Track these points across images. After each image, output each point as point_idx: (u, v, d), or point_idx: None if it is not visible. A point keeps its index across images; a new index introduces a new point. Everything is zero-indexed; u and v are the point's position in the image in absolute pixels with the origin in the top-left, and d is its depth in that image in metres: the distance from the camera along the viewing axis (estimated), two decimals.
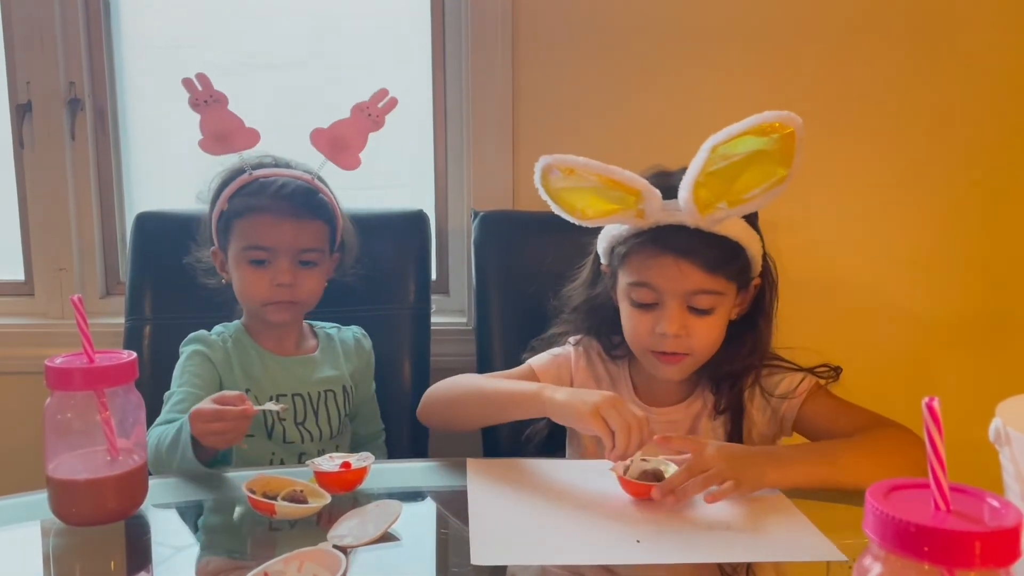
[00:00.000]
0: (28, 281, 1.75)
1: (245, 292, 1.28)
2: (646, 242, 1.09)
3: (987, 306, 1.74)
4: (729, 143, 1.00)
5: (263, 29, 1.73)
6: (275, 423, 1.26)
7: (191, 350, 1.28)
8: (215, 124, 1.28)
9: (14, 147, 1.71)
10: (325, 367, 1.34)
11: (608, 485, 0.97)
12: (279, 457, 1.27)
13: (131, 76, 1.74)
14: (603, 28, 1.64)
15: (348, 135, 1.32)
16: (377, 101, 1.33)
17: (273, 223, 1.25)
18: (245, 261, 1.27)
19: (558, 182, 1.11)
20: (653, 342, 1.11)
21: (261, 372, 1.29)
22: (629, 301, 1.13)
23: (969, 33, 1.66)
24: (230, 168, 1.32)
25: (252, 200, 1.26)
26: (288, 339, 1.34)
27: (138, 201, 1.76)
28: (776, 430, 1.17)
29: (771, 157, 1.00)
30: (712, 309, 1.10)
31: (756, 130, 0.99)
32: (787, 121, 0.99)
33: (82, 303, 0.89)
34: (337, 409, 1.32)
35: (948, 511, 0.51)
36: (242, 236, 1.27)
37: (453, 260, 1.76)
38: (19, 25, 1.65)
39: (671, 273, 1.08)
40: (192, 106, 1.27)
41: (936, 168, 1.70)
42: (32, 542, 0.91)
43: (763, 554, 0.84)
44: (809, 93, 1.66)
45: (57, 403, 0.87)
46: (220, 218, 1.30)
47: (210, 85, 1.28)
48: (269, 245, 1.25)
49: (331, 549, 0.76)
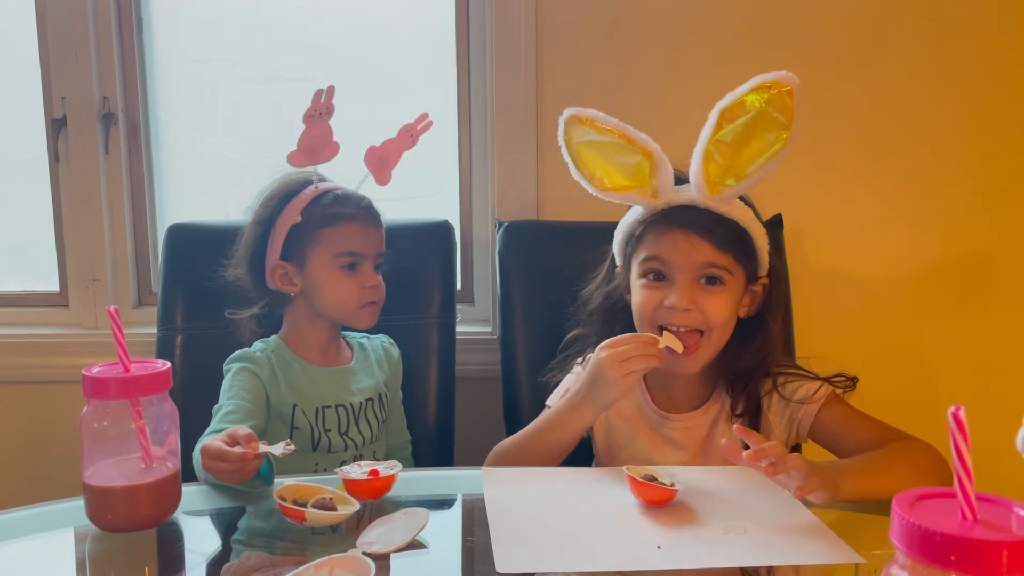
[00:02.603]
0: (63, 292, 1.79)
1: (337, 297, 1.30)
2: (659, 220, 1.13)
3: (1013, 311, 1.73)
4: (734, 107, 1.06)
5: (291, 42, 1.76)
6: (321, 436, 1.29)
7: (238, 367, 1.28)
8: (315, 137, 1.31)
9: (49, 161, 1.75)
10: (363, 376, 1.37)
11: (622, 492, 0.97)
12: (322, 467, 1.30)
13: (163, 90, 1.77)
14: (628, 37, 1.65)
15: (391, 153, 1.37)
16: (419, 123, 1.38)
17: (363, 229, 1.31)
18: (336, 268, 1.30)
19: (581, 135, 1.14)
20: (660, 315, 1.12)
21: (305, 384, 1.30)
22: (641, 279, 1.15)
23: (986, 38, 1.65)
24: (284, 183, 1.33)
25: (339, 210, 1.30)
26: (331, 350, 1.36)
27: (170, 213, 1.79)
28: (792, 436, 1.17)
29: (773, 119, 1.06)
30: (722, 280, 1.12)
31: (758, 88, 1.06)
32: (784, 80, 1.06)
33: (118, 314, 0.91)
34: (376, 416, 1.35)
35: (975, 520, 0.51)
36: (332, 244, 1.29)
37: (478, 270, 1.77)
38: (54, 41, 1.69)
39: (682, 247, 1.11)
40: (307, 117, 1.29)
41: (961, 172, 1.69)
42: (66, 548, 0.92)
43: (783, 558, 0.84)
44: (834, 98, 1.66)
45: (93, 412, 0.89)
46: (292, 231, 1.30)
47: (332, 97, 1.31)
48: (361, 251, 1.31)
49: (360, 556, 0.78)
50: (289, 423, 1.28)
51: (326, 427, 1.29)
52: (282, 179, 1.34)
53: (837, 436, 1.12)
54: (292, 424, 1.28)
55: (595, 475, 1.08)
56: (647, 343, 1.07)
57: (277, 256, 1.31)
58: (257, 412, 1.24)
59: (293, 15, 1.76)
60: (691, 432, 1.18)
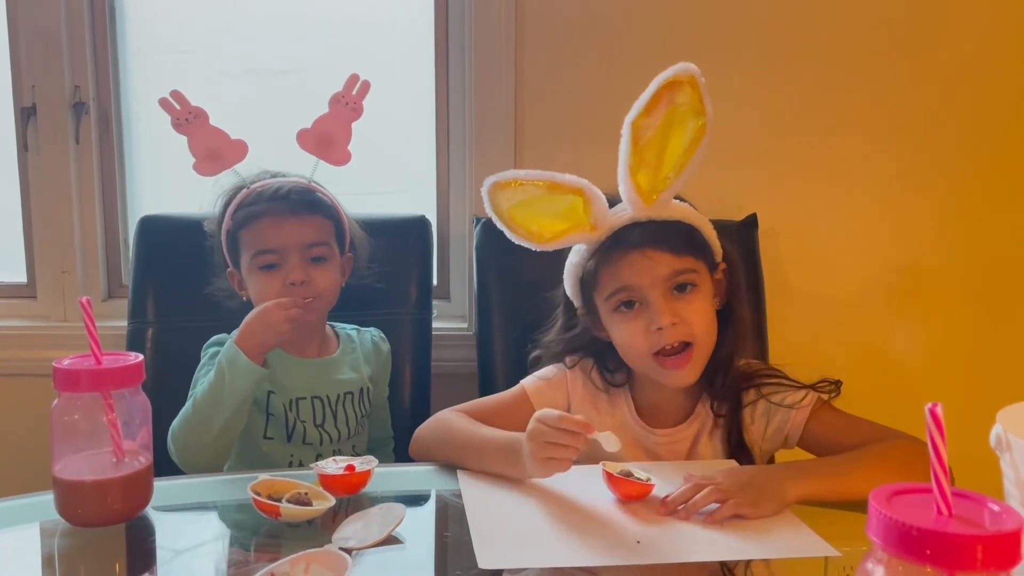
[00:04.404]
0: (30, 284, 1.76)
1: (262, 299, 1.25)
2: (609, 249, 1.11)
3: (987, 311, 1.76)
4: (642, 114, 1.06)
5: (267, 35, 1.74)
6: (296, 424, 1.28)
7: (215, 350, 1.28)
8: (202, 142, 1.28)
9: (18, 150, 1.71)
10: (345, 369, 1.35)
11: (599, 488, 0.97)
12: (297, 458, 1.29)
13: (136, 81, 1.75)
14: (608, 35, 1.65)
15: (332, 130, 1.32)
16: (351, 88, 1.33)
17: (275, 224, 1.26)
18: (256, 268, 1.27)
19: (508, 199, 1.13)
20: (651, 343, 1.09)
21: (282, 374, 1.29)
22: (615, 314, 1.12)
23: (964, 38, 1.67)
24: (229, 188, 1.33)
25: (252, 208, 1.28)
26: (310, 343, 1.34)
27: (141, 205, 1.76)
28: (777, 446, 1.17)
29: (686, 110, 1.05)
30: (693, 284, 1.11)
31: (664, 88, 1.05)
32: (683, 72, 1.05)
33: (91, 305, 0.89)
34: (355, 411, 1.34)
35: (950, 515, 0.52)
36: (249, 245, 1.28)
37: (454, 266, 1.76)
38: (25, 29, 1.66)
39: (642, 265, 1.09)
40: (175, 127, 1.28)
41: (936, 173, 1.71)
42: (32, 544, 0.91)
43: (760, 551, 0.86)
44: (811, 98, 1.68)
45: (64, 405, 0.87)
46: (228, 237, 1.31)
47: (187, 102, 1.29)
48: (275, 247, 1.26)
49: (337, 551, 0.77)
50: (264, 409, 1.28)
51: (300, 417, 1.29)
52: (230, 186, 1.33)
53: (828, 443, 1.10)
54: (267, 411, 1.28)
55: (572, 472, 1.07)
56: (575, 435, 0.95)
57: (227, 264, 1.33)
58: None
59: (270, 9, 1.74)
60: (674, 447, 1.17)
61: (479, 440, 1.08)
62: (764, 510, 0.92)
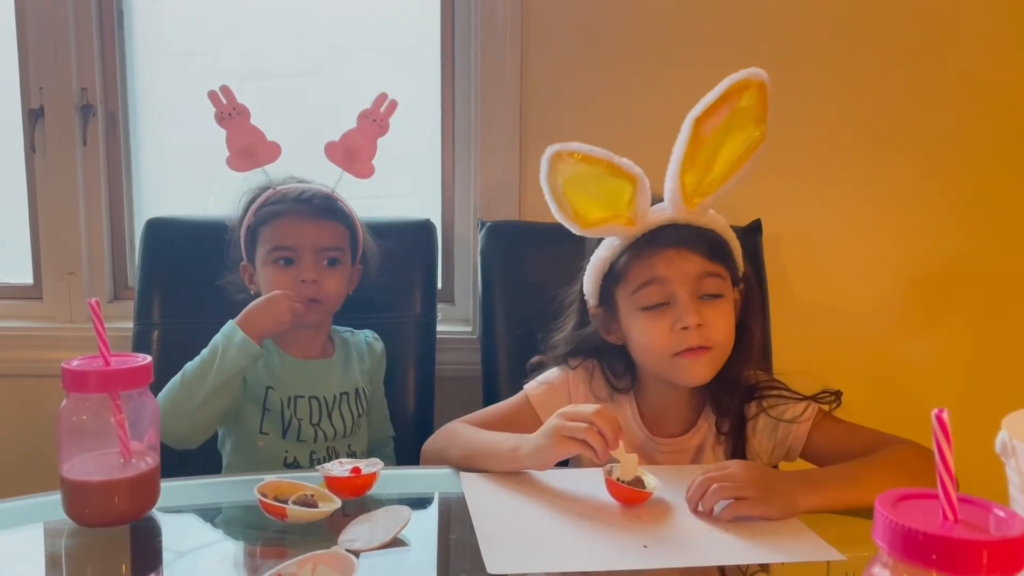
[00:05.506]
0: (37, 285, 1.76)
1: (271, 291, 1.29)
2: (643, 245, 1.11)
3: (992, 318, 1.76)
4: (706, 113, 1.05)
5: (275, 38, 1.75)
6: (292, 421, 1.30)
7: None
8: (240, 138, 1.31)
9: (26, 152, 1.72)
10: (341, 371, 1.37)
11: (603, 492, 0.98)
12: (292, 454, 1.31)
13: (143, 83, 1.75)
14: (613, 41, 1.66)
15: (359, 144, 1.36)
16: (379, 106, 1.37)
17: (295, 223, 1.30)
18: (271, 262, 1.31)
19: (565, 172, 1.11)
20: (675, 343, 1.08)
21: (281, 372, 1.32)
22: (639, 310, 1.11)
23: (971, 46, 1.68)
24: (255, 186, 1.36)
25: (275, 207, 1.32)
26: (313, 344, 1.37)
27: (148, 207, 1.77)
28: (780, 458, 1.17)
29: (747, 114, 1.04)
30: (721, 294, 1.11)
31: (732, 89, 1.04)
32: (753, 76, 1.04)
33: (99, 306, 0.90)
34: (351, 410, 1.36)
35: (956, 521, 0.52)
36: (267, 240, 1.32)
37: (459, 269, 1.77)
38: (32, 30, 1.66)
39: (675, 262, 1.09)
40: (218, 120, 1.31)
41: (941, 181, 1.72)
42: (38, 543, 0.91)
43: (766, 556, 0.86)
44: (816, 104, 1.68)
45: (72, 405, 0.88)
46: (247, 231, 1.34)
47: (233, 97, 1.32)
48: (292, 244, 1.30)
49: (344, 552, 0.77)
50: (261, 404, 1.30)
51: (298, 415, 1.31)
52: (255, 184, 1.36)
53: (831, 453, 1.10)
54: (264, 406, 1.30)
55: (575, 476, 1.08)
56: (599, 437, 0.97)
57: (242, 257, 1.36)
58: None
59: (278, 11, 1.74)
60: (677, 456, 1.17)
61: (488, 441, 1.09)
62: (772, 510, 0.93)
